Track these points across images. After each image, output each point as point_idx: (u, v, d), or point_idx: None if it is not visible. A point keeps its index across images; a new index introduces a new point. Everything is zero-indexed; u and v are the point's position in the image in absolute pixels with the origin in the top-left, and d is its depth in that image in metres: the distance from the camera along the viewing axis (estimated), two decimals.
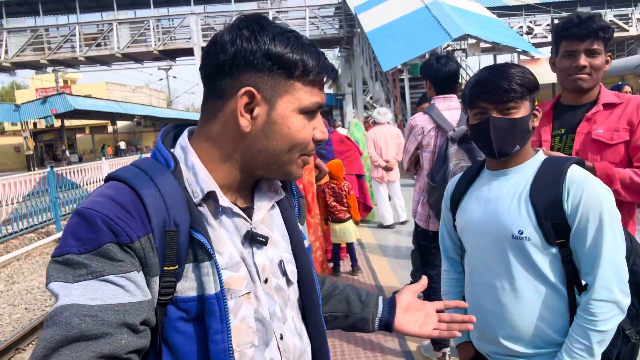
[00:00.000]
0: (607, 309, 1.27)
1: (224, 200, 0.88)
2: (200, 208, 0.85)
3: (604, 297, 1.27)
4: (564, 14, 22.69)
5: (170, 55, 23.52)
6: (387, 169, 6.97)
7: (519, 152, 1.41)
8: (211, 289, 0.82)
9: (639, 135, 1.83)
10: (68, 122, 31.40)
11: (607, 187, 1.35)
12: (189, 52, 21.78)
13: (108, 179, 0.84)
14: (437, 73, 2.91)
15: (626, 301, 1.28)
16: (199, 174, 0.87)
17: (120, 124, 41.04)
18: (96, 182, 12.39)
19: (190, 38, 20.99)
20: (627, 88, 6.61)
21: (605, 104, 1.90)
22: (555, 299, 1.36)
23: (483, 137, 1.40)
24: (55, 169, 10.19)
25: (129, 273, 0.75)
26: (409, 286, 1.20)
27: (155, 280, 0.79)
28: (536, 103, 1.46)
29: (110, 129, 40.86)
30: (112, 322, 0.71)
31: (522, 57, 14.25)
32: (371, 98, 22.59)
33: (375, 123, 7.37)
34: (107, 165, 13.05)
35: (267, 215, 0.97)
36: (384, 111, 7.24)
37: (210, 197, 0.87)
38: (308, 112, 0.89)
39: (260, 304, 0.89)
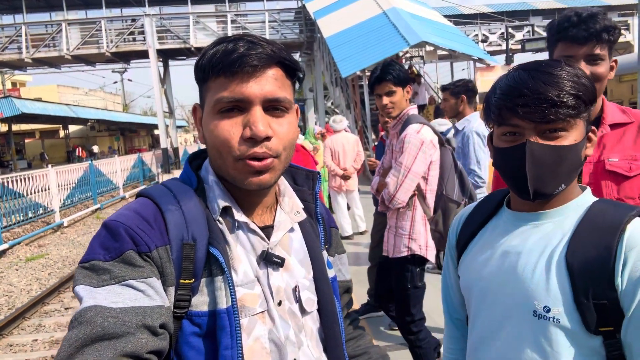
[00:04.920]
0: None
1: (240, 215, 0.90)
2: (220, 225, 0.89)
3: None
4: (516, 23, 23.38)
5: (124, 57, 22.70)
6: (345, 177, 6.82)
7: (561, 192, 1.01)
8: (223, 303, 0.83)
9: None
10: (16, 127, 29.88)
11: None
12: (143, 54, 21.09)
13: (138, 195, 0.91)
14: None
15: None
16: (215, 191, 0.91)
17: (73, 128, 39.44)
18: (43, 190, 11.74)
19: (144, 40, 20.32)
20: None
21: (612, 125, 1.56)
22: None
23: (514, 170, 0.99)
24: None
25: (149, 279, 0.79)
26: None
27: (171, 291, 0.82)
28: None
29: (62, 133, 39.20)
30: (132, 323, 0.73)
31: (478, 64, 14.49)
32: (332, 103, 22.54)
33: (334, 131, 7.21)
34: (54, 173, 12.34)
35: (287, 237, 0.96)
36: (339, 119, 7.10)
37: (227, 213, 0.91)
38: (227, 110, 0.85)
39: (275, 325, 0.89)
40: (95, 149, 37.64)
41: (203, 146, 0.97)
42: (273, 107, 0.87)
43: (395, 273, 2.82)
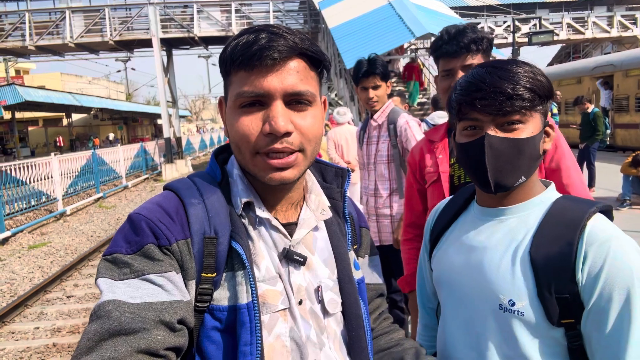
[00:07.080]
0: None
1: (262, 211, 0.88)
2: (242, 220, 0.87)
3: None
4: (523, 16, 23.18)
5: (128, 46, 22.63)
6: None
7: (523, 186, 1.04)
8: (243, 298, 0.82)
9: (550, 158, 1.58)
10: (20, 114, 29.90)
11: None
12: (147, 43, 21.03)
13: (164, 188, 0.91)
14: None
15: None
16: (239, 185, 0.90)
17: (76, 116, 39.46)
18: (45, 178, 11.75)
19: (148, 29, 20.24)
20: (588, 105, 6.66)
21: None
22: None
23: (474, 163, 1.02)
24: None
25: (168, 273, 0.79)
26: None
27: (192, 285, 0.82)
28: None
29: (65, 121, 39.22)
30: (149, 318, 0.73)
31: None
32: (336, 95, 22.48)
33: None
34: (57, 162, 12.34)
35: (311, 236, 0.94)
36: (344, 111, 7.05)
37: (250, 208, 0.89)
38: (248, 105, 0.84)
39: (296, 324, 0.87)
40: (111, 136, 38.42)
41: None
42: (295, 100, 0.85)
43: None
